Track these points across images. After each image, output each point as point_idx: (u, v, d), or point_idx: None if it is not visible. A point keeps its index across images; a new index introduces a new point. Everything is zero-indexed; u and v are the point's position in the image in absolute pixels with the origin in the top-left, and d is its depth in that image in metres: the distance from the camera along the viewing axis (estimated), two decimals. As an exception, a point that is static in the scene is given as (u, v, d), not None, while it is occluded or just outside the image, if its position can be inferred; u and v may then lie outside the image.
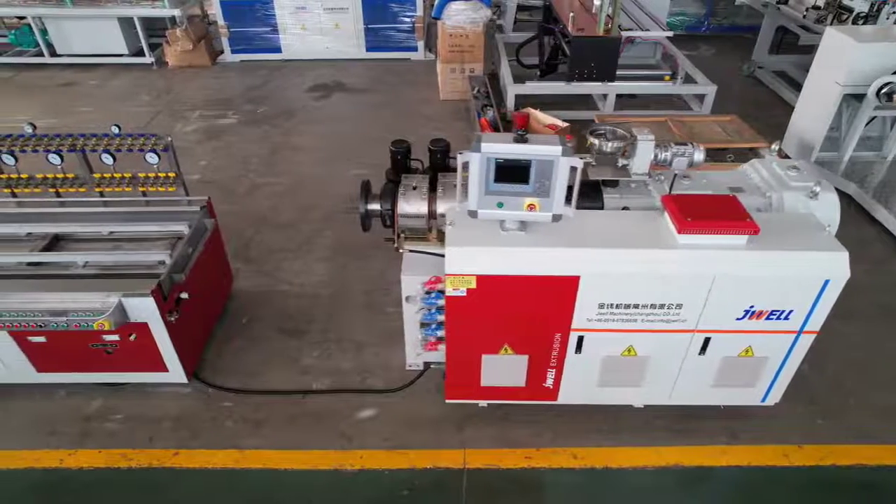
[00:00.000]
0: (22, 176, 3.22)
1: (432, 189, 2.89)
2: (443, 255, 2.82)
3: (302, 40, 7.00)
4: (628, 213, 2.59)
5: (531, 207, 2.27)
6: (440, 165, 3.06)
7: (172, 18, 6.67)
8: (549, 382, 2.74)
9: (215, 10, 6.81)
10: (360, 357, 3.24)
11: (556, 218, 2.29)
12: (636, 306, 2.43)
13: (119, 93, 6.45)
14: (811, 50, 6.53)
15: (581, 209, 2.49)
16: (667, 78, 5.27)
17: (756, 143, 4.43)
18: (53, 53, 6.95)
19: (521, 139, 2.19)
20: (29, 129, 3.11)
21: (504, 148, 2.16)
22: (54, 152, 3.15)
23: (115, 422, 2.90)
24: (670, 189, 2.70)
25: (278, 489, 2.63)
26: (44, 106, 6.13)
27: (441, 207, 2.87)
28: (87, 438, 2.83)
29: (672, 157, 2.73)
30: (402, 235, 3.07)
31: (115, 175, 3.22)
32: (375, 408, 2.97)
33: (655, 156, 2.71)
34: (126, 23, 6.87)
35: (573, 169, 2.21)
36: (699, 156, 2.75)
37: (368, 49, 7.07)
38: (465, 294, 2.39)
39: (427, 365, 2.96)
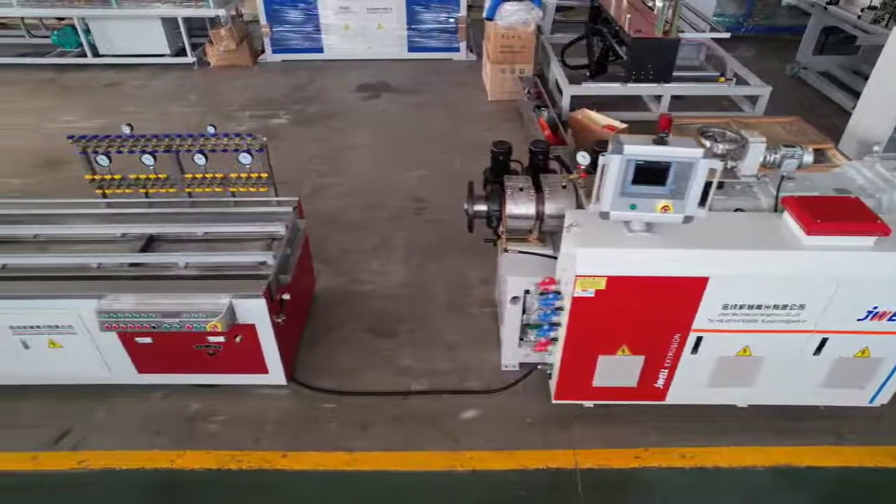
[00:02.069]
0: (115, 177, 3.22)
1: (537, 190, 2.92)
2: (551, 257, 2.89)
3: (344, 40, 7.00)
4: (745, 215, 2.60)
5: (665, 209, 2.28)
6: (541, 166, 3.08)
7: (217, 18, 6.67)
8: (661, 383, 2.75)
9: (258, 11, 6.81)
10: (454, 358, 3.25)
11: (688, 220, 2.30)
12: (759, 307, 2.44)
13: (164, 93, 6.44)
14: (857, 50, 6.62)
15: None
16: (721, 79, 5.29)
17: (822, 144, 4.45)
18: (95, 54, 6.93)
19: (661, 141, 2.20)
20: (127, 130, 3.10)
21: (646, 150, 2.17)
22: (149, 153, 3.16)
23: (217, 423, 2.90)
24: (777, 191, 2.71)
25: (392, 491, 2.63)
26: (91, 106, 6.11)
27: (549, 209, 2.90)
28: (193, 440, 2.83)
29: (781, 159, 2.74)
30: (503, 237, 3.10)
31: (206, 175, 3.23)
32: (478, 409, 2.97)
33: (764, 157, 2.74)
34: (168, 23, 6.87)
35: (711, 171, 2.23)
36: (808, 157, 2.76)
37: (410, 49, 7.07)
38: (592, 295, 2.40)
39: (534, 366, 2.97)
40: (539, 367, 2.94)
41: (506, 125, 5.63)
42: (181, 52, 7.05)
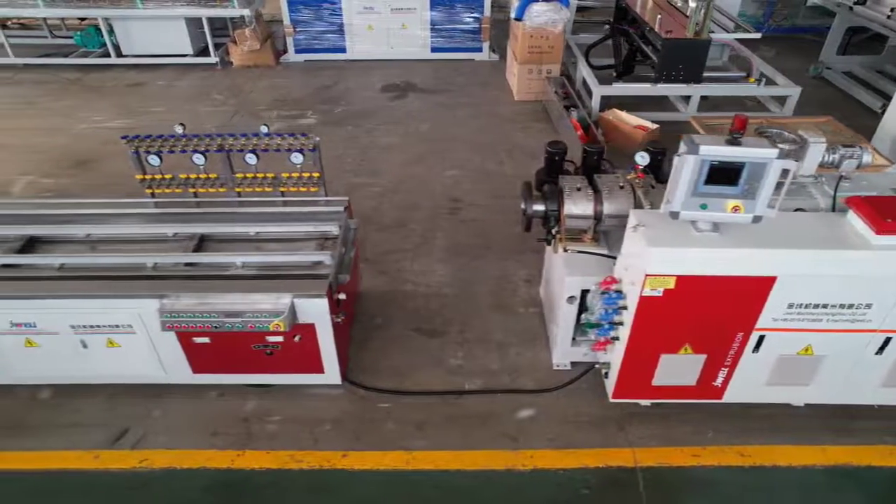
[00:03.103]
0: (165, 176, 3.23)
1: (594, 190, 2.92)
2: (611, 257, 2.90)
3: (367, 40, 7.00)
4: (808, 215, 2.61)
5: (735, 209, 2.29)
6: (595, 167, 3.09)
7: (241, 18, 6.67)
8: (719, 381, 2.76)
9: (282, 11, 6.81)
10: (505, 357, 3.25)
11: (757, 219, 2.31)
12: (825, 306, 2.46)
13: (189, 93, 6.44)
14: (881, 50, 6.64)
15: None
16: (751, 80, 5.31)
17: (858, 143, 4.45)
18: (118, 54, 6.91)
19: (734, 141, 2.21)
20: (179, 130, 3.10)
21: (722, 150, 2.18)
22: (201, 153, 3.16)
23: (274, 423, 2.91)
24: (835, 191, 2.72)
25: (454, 490, 2.64)
26: (118, 107, 6.11)
27: (608, 208, 2.91)
28: (251, 439, 2.83)
29: (840, 160, 2.76)
30: (558, 236, 3.11)
31: (258, 175, 3.23)
32: (533, 408, 2.97)
33: (822, 157, 2.75)
34: (192, 23, 6.87)
35: (784, 171, 2.24)
36: (867, 157, 2.78)
37: (432, 50, 7.07)
38: (660, 294, 2.41)
39: (591, 365, 2.98)
40: (596, 366, 2.95)
41: (535, 125, 5.64)
42: (202, 52, 7.06)
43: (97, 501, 2.62)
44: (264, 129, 3.11)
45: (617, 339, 2.71)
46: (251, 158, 3.16)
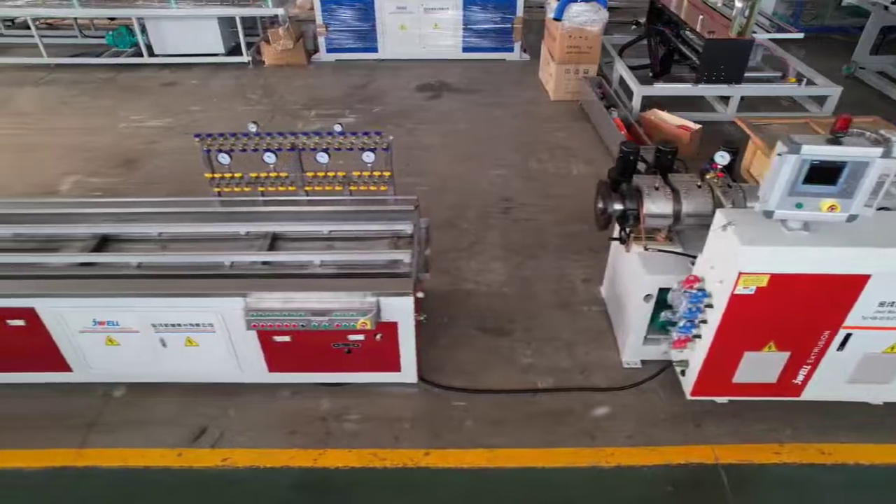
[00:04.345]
0: (235, 175, 3.23)
1: (671, 189, 2.94)
2: (691, 256, 2.91)
3: (399, 40, 7.01)
4: (893, 213, 2.64)
5: (832, 208, 2.30)
6: (668, 167, 3.10)
7: (275, 17, 6.68)
8: (799, 379, 2.77)
9: (315, 10, 6.81)
10: (573, 355, 3.26)
11: (852, 218, 2.32)
12: (916, 304, 2.48)
13: (224, 92, 6.44)
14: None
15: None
16: (792, 80, 5.33)
17: (905, 143, 4.48)
18: (150, 53, 6.92)
19: (836, 141, 2.23)
20: (253, 128, 3.11)
21: (825, 150, 2.19)
22: (273, 151, 3.17)
23: (352, 422, 2.91)
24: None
25: (538, 488, 2.65)
26: (155, 106, 6.12)
27: (686, 207, 2.92)
28: (331, 438, 2.84)
29: (918, 158, 2.78)
30: (632, 235, 3.12)
31: (328, 174, 3.24)
32: (607, 405, 2.99)
33: (900, 156, 2.77)
34: (223, 22, 6.88)
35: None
36: (945, 156, 2.80)
37: (464, 49, 7.08)
38: (752, 292, 2.42)
39: (668, 363, 2.99)
40: (674, 363, 2.97)
41: (574, 125, 5.65)
42: (233, 52, 7.06)
43: (186, 499, 2.62)
44: (338, 128, 3.11)
45: (699, 336, 2.73)
46: (323, 157, 3.17)
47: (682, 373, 2.95)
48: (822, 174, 2.23)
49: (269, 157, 3.19)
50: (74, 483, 2.66)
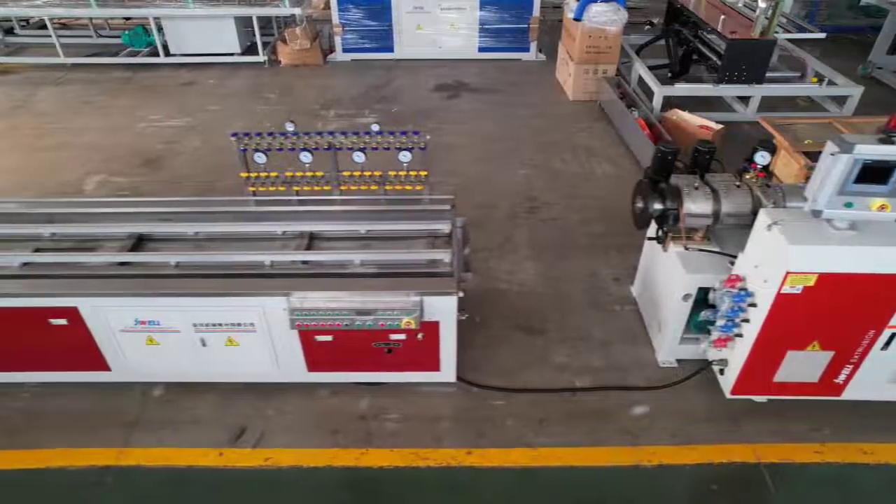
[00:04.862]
0: (271, 174, 3.23)
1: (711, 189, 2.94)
2: (731, 255, 2.92)
3: (416, 40, 7.02)
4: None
5: (882, 208, 2.31)
6: (706, 167, 3.11)
7: (292, 17, 6.68)
8: (841, 378, 2.78)
9: (332, 10, 6.81)
10: (608, 355, 3.27)
11: (901, 217, 2.34)
12: (961, 303, 2.49)
13: (242, 92, 6.45)
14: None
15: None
16: (813, 80, 5.34)
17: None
18: (167, 53, 6.92)
19: (888, 140, 2.23)
20: (290, 127, 3.11)
21: (878, 149, 2.19)
22: (310, 150, 3.17)
23: (393, 421, 2.92)
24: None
25: (583, 486, 2.65)
26: (174, 105, 6.12)
27: (726, 207, 2.93)
28: (372, 437, 2.85)
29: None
30: (670, 235, 3.13)
31: (365, 173, 3.24)
32: (646, 404, 2.99)
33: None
34: (240, 22, 6.88)
35: (935, 169, 2.26)
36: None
37: (480, 49, 7.10)
38: (799, 292, 2.43)
39: (707, 362, 2.99)
40: (712, 362, 2.97)
41: (595, 125, 5.66)
42: (248, 51, 7.07)
43: (233, 499, 2.62)
44: (375, 128, 3.12)
45: (740, 335, 2.73)
46: (359, 157, 3.17)
47: (721, 372, 2.95)
48: (874, 173, 2.24)
49: (306, 157, 3.19)
50: (118, 482, 2.66)
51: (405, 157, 3.17)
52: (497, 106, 6.11)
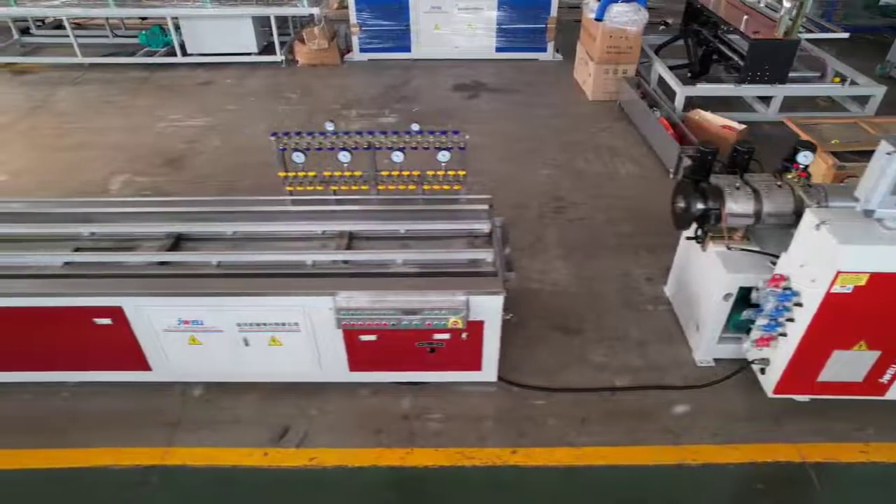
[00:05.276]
0: (309, 174, 3.23)
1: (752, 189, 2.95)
2: (772, 255, 2.93)
3: (433, 40, 7.02)
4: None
5: (936, 206, 2.33)
6: (744, 167, 3.11)
7: (310, 17, 6.68)
8: (886, 378, 2.78)
9: (349, 9, 6.81)
10: (645, 354, 3.28)
11: (955, 216, 2.35)
12: None
13: (261, 91, 6.44)
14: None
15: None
16: (836, 80, 5.35)
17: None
18: (183, 53, 6.92)
19: (943, 139, 2.25)
20: (330, 127, 3.10)
21: (937, 148, 2.21)
22: (349, 150, 3.16)
23: (436, 421, 2.92)
24: None
25: (628, 485, 2.66)
26: (193, 105, 6.11)
27: (767, 207, 2.93)
28: (415, 437, 2.85)
29: None
30: (709, 236, 3.13)
31: (402, 173, 3.24)
32: (686, 404, 3.00)
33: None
34: (257, 21, 6.88)
35: None
36: None
37: (497, 49, 7.10)
38: (850, 291, 2.43)
39: (747, 362, 2.99)
40: (753, 361, 2.98)
41: (616, 125, 5.67)
42: (265, 51, 7.07)
43: (279, 499, 2.62)
44: (415, 127, 3.12)
45: (784, 335, 2.74)
46: (398, 156, 3.17)
47: (762, 371, 2.96)
48: (928, 173, 2.26)
49: (344, 156, 3.18)
50: (164, 482, 2.66)
51: (444, 156, 3.17)
52: (516, 106, 6.11)
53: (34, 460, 2.74)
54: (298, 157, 3.18)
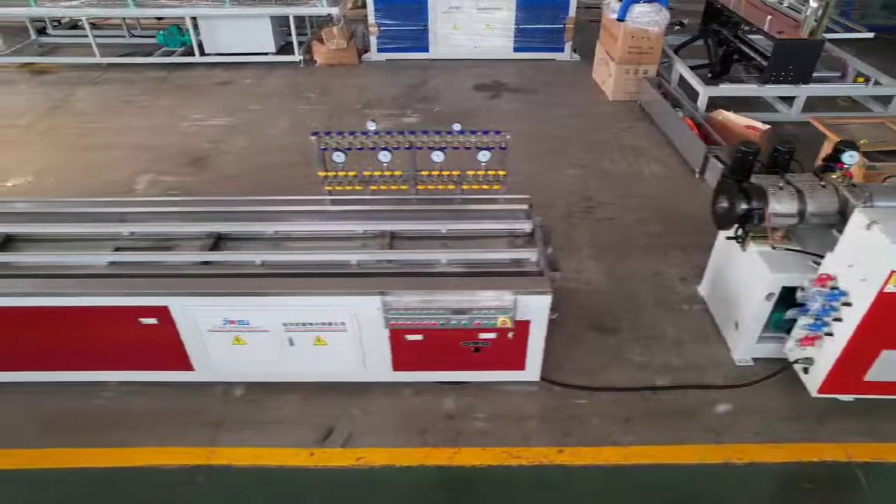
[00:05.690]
0: (349, 173, 3.23)
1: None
2: (816, 255, 2.93)
3: (451, 40, 7.03)
4: None
5: None
6: (785, 167, 3.12)
7: (329, 16, 6.68)
8: (933, 377, 2.80)
9: (368, 9, 6.82)
10: (683, 353, 3.28)
11: None
12: None
13: (281, 91, 6.45)
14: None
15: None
16: (859, 80, 5.37)
17: None
18: (201, 52, 6.91)
19: None
20: (372, 126, 3.11)
21: None
22: (391, 149, 3.17)
23: (481, 420, 2.92)
24: None
25: (677, 484, 2.66)
26: (214, 105, 6.11)
27: (811, 207, 2.94)
28: (461, 437, 2.85)
29: None
30: (750, 236, 3.14)
31: (442, 173, 3.24)
32: (728, 403, 3.00)
33: None
34: (275, 21, 6.87)
35: None
36: None
37: (515, 49, 7.10)
38: (903, 290, 2.45)
39: (789, 361, 2.99)
40: (796, 361, 2.98)
41: (638, 125, 5.67)
42: (282, 51, 7.06)
43: (327, 499, 2.62)
44: (457, 127, 3.12)
45: (831, 334, 2.75)
46: (438, 156, 3.17)
47: (806, 370, 2.97)
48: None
49: (385, 156, 3.19)
50: (210, 482, 2.66)
51: (484, 156, 3.18)
52: (538, 106, 6.12)
53: (81, 459, 2.74)
54: (339, 157, 3.19)
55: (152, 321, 2.76)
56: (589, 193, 4.64)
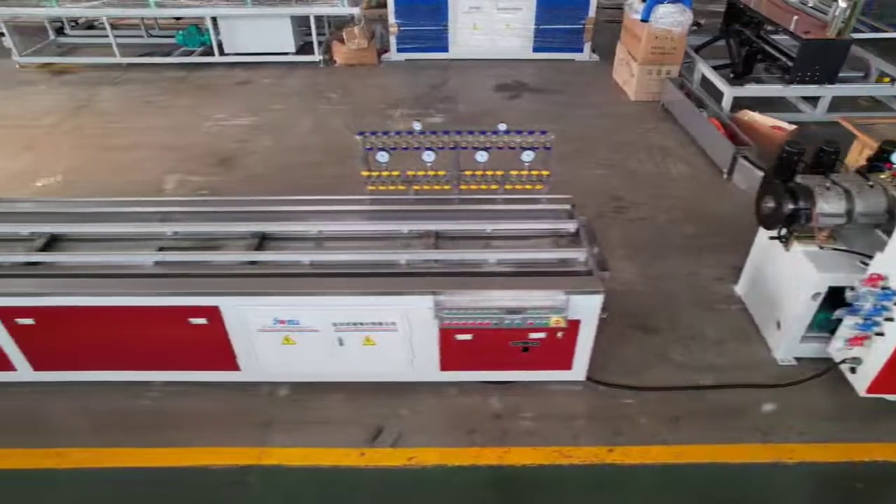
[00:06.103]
0: (393, 173, 3.22)
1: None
2: (865, 255, 2.94)
3: (470, 40, 7.02)
4: None
5: None
6: (830, 167, 3.12)
7: (350, 16, 6.68)
8: (982, 377, 2.81)
9: (388, 9, 6.82)
10: (724, 353, 3.29)
11: None
12: None
13: (302, 91, 6.44)
14: None
15: None
16: (885, 80, 5.38)
17: None
18: (220, 52, 6.90)
19: None
20: (418, 127, 3.10)
21: None
22: (435, 149, 3.16)
23: (528, 420, 2.93)
24: None
25: (729, 483, 2.67)
26: (236, 104, 6.10)
27: (860, 206, 2.94)
28: (508, 436, 2.85)
29: None
30: (794, 235, 3.14)
31: (486, 173, 3.24)
32: (774, 402, 3.01)
33: None
34: (295, 21, 6.86)
35: None
36: None
37: (534, 49, 7.10)
38: (960, 290, 2.46)
39: (836, 361, 2.98)
40: (843, 361, 2.99)
41: (662, 125, 5.68)
42: (301, 51, 7.06)
43: (380, 498, 2.62)
44: (502, 127, 3.12)
45: (881, 334, 2.75)
46: (482, 156, 3.17)
47: (853, 370, 2.97)
48: None
49: (429, 156, 3.19)
50: (261, 482, 2.66)
51: (528, 156, 3.18)
52: (560, 106, 6.12)
53: (132, 459, 2.74)
54: (383, 157, 3.19)
55: (202, 321, 2.76)
56: (619, 193, 4.64)
